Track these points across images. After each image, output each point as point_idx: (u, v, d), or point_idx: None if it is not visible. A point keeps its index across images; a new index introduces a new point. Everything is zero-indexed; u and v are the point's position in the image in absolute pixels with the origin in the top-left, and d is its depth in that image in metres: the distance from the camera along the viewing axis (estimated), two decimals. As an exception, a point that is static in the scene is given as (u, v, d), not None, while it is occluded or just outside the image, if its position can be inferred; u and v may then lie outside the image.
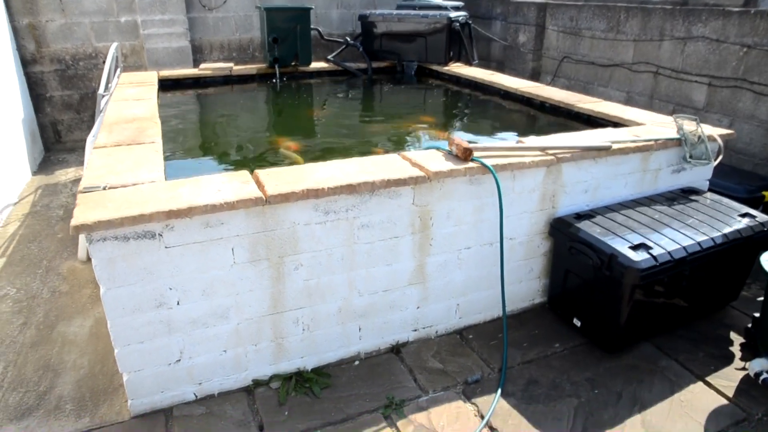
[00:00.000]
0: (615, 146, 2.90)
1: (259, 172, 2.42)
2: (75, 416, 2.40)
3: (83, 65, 5.93)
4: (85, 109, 6.08)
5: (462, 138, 2.69)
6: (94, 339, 2.92)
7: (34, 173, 5.39)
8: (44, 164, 5.68)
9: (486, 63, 7.02)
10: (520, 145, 2.79)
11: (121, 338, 2.21)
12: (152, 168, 2.50)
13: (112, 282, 2.11)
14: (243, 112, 4.79)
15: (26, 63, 5.68)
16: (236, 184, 2.29)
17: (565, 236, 2.80)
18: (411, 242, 2.59)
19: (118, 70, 5.23)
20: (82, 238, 3.66)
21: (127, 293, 2.15)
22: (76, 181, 5.18)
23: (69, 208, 4.59)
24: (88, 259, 3.72)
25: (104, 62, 5.93)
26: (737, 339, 2.92)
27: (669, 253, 2.55)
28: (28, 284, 3.45)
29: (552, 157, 2.74)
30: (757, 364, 2.47)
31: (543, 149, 2.78)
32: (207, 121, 4.64)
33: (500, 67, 6.74)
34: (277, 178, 2.34)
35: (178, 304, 2.25)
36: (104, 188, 2.25)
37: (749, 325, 2.85)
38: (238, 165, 3.38)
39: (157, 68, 5.77)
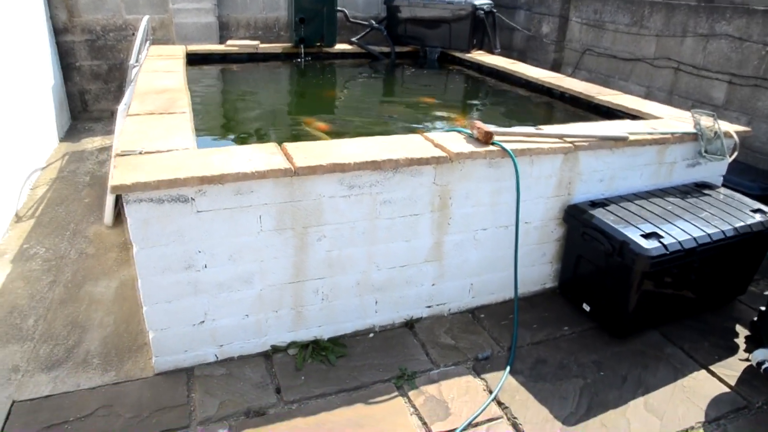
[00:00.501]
0: (632, 137, 2.95)
1: (287, 145, 2.51)
2: (102, 370, 2.53)
3: (113, 36, 6.03)
4: (113, 79, 6.20)
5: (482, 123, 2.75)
6: (120, 300, 3.05)
7: (61, 140, 5.53)
8: (71, 132, 5.81)
9: (508, 52, 7.02)
10: (539, 131, 2.85)
11: (150, 297, 2.33)
12: (184, 136, 2.60)
13: (145, 242, 2.22)
14: (268, 90, 4.89)
15: (57, 32, 5.79)
16: (265, 155, 2.38)
17: (579, 222, 2.87)
18: (430, 220, 2.68)
19: (148, 42, 5.33)
20: (109, 203, 3.79)
21: (159, 254, 2.26)
22: (103, 149, 5.32)
23: (95, 174, 4.72)
24: (114, 225, 3.86)
25: (134, 34, 6.06)
26: (743, 332, 2.99)
27: (679, 242, 2.61)
28: (57, 245, 3.59)
29: (570, 145, 2.80)
30: (760, 354, 2.54)
31: (561, 137, 2.84)
32: (233, 96, 4.74)
33: (522, 57, 6.74)
34: (305, 152, 2.43)
35: (205, 267, 2.36)
36: (140, 153, 2.36)
37: (755, 319, 2.90)
38: (263, 140, 3.47)
39: (184, 42, 5.86)
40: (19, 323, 2.83)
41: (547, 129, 2.96)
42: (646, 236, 2.62)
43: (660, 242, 2.59)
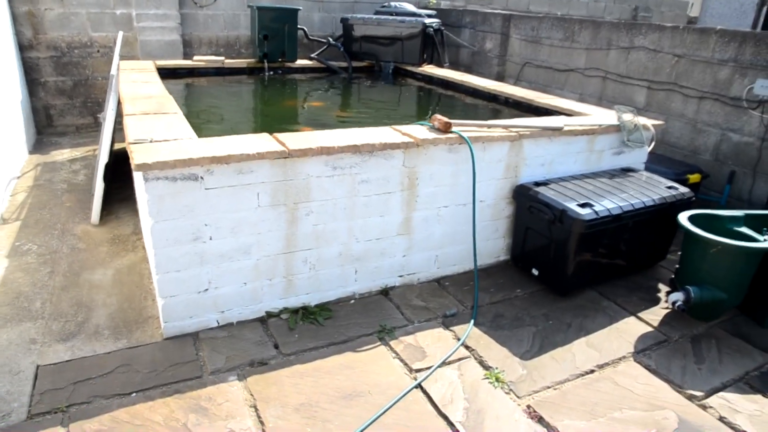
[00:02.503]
0: (566, 128, 3.51)
1: (277, 134, 2.90)
2: (113, 339, 2.81)
3: (78, 53, 6.24)
4: (78, 95, 6.38)
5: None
6: (118, 284, 3.32)
7: (30, 152, 5.67)
8: (38, 145, 5.95)
9: (455, 66, 7.64)
10: (488, 122, 3.37)
11: (162, 266, 2.65)
12: (184, 130, 2.95)
13: (160, 216, 2.55)
14: (236, 100, 5.24)
15: (23, 48, 5.96)
16: (262, 141, 2.77)
17: (526, 199, 3.39)
18: (400, 198, 3.12)
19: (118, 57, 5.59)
20: (96, 202, 4.03)
21: (171, 227, 2.59)
22: (74, 159, 5.50)
23: (72, 182, 4.92)
24: (100, 223, 4.09)
25: (98, 51, 6.30)
26: (665, 288, 3.56)
27: (608, 209, 3.16)
28: (48, 242, 3.81)
29: (515, 134, 3.32)
30: (674, 296, 3.10)
31: (507, 127, 3.37)
32: (204, 107, 5.06)
33: (468, 71, 7.36)
34: (295, 139, 2.83)
35: (210, 239, 2.70)
36: (150, 141, 2.70)
37: (672, 276, 3.48)
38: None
39: (149, 59, 6.14)
40: (27, 306, 3.05)
41: (495, 121, 3.48)
42: (582, 206, 3.15)
43: (593, 209, 3.13)
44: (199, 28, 6.86)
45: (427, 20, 6.39)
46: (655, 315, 3.23)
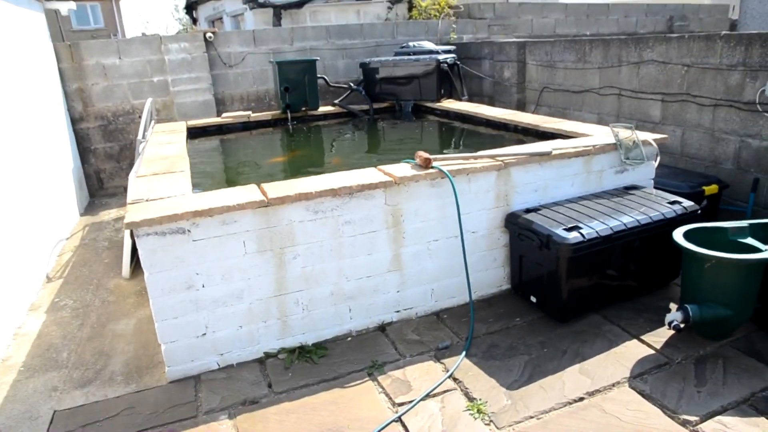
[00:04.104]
0: (555, 152, 3.51)
1: (264, 184, 3.10)
2: (124, 384, 3.04)
3: (122, 120, 6.85)
4: (124, 158, 6.97)
5: (426, 153, 3.33)
6: (138, 333, 3.58)
7: (82, 214, 6.23)
8: (89, 207, 6.53)
9: (479, 98, 7.73)
10: (473, 154, 3.43)
11: (160, 314, 2.87)
12: (182, 187, 3.21)
13: (153, 268, 2.78)
14: (260, 152, 5.56)
15: (75, 121, 6.63)
16: (246, 193, 2.98)
17: (516, 226, 3.39)
18: (386, 235, 3.21)
19: (152, 121, 6.11)
20: (126, 257, 4.39)
21: (165, 277, 2.82)
22: (118, 219, 5.99)
23: (113, 240, 5.36)
24: (131, 277, 4.44)
25: (140, 116, 6.88)
26: (675, 308, 3.41)
27: (597, 232, 3.11)
28: (83, 297, 4.17)
29: (500, 163, 3.36)
30: (670, 316, 2.97)
31: (493, 157, 3.41)
32: (229, 161, 5.42)
33: (491, 101, 7.44)
34: (277, 187, 3.02)
35: (203, 286, 2.91)
36: (146, 200, 2.96)
37: (682, 295, 3.34)
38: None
39: (185, 119, 6.65)
40: (54, 357, 3.36)
41: (483, 152, 3.54)
42: (568, 229, 3.12)
43: (579, 233, 3.09)
44: (230, 86, 7.36)
45: (442, 56, 6.56)
46: (660, 337, 3.11)
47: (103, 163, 6.94)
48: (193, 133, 5.90)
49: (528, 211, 3.44)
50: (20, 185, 4.41)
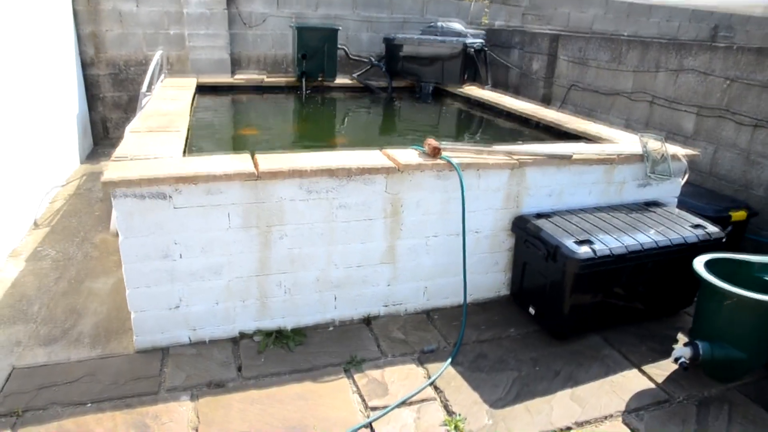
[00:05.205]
0: (576, 156, 3.25)
1: (257, 155, 2.89)
2: (90, 347, 2.88)
3: (134, 70, 6.64)
4: (132, 109, 6.76)
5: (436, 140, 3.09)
6: (114, 293, 3.42)
7: (82, 162, 6.06)
8: (92, 155, 6.36)
9: (504, 88, 7.41)
10: (487, 148, 3.18)
11: (132, 281, 2.69)
12: (173, 148, 3.00)
13: (129, 232, 2.60)
14: (267, 117, 5.34)
15: (85, 66, 6.42)
16: (236, 162, 2.76)
17: (523, 231, 3.15)
18: (383, 225, 3.00)
19: (162, 74, 5.89)
20: (114, 213, 4.21)
21: (140, 243, 2.63)
22: (118, 170, 5.81)
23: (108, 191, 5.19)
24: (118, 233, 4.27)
25: (153, 68, 6.66)
26: (683, 339, 3.18)
27: (609, 249, 2.87)
28: (66, 248, 4.01)
29: (515, 161, 3.11)
30: (678, 351, 2.74)
31: (508, 153, 3.16)
32: (232, 121, 5.20)
33: (516, 93, 7.11)
34: (271, 160, 2.80)
35: (180, 257, 2.72)
36: (131, 158, 2.76)
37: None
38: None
39: (199, 75, 6.41)
40: (25, 309, 3.21)
41: (498, 147, 3.28)
42: (579, 243, 2.88)
43: (590, 248, 2.85)
44: (248, 47, 7.10)
45: (470, 40, 6.24)
46: (662, 370, 2.88)
47: (110, 112, 6.75)
48: (203, 91, 5.68)
49: (539, 216, 3.19)
50: (14, 125, 4.23)
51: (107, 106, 6.70)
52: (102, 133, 6.78)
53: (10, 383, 2.58)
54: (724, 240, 3.22)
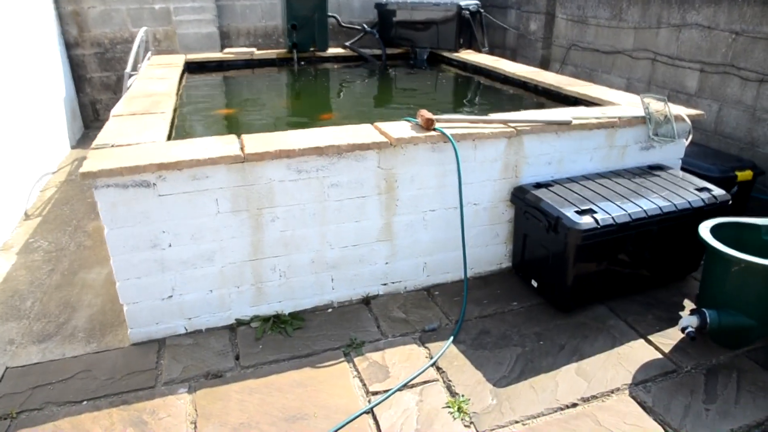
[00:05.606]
0: (576, 122, 3.12)
1: (244, 136, 2.77)
2: (85, 342, 2.83)
3: (120, 48, 6.45)
4: (121, 89, 6.59)
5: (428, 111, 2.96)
6: (108, 284, 3.35)
7: (73, 147, 5.94)
8: (83, 139, 6.23)
9: (501, 51, 7.19)
10: (482, 117, 3.05)
11: (122, 273, 2.61)
12: (157, 132, 2.88)
13: (114, 223, 2.51)
14: (257, 94, 5.18)
15: (69, 46, 6.24)
16: (223, 145, 2.65)
17: (522, 202, 3.05)
18: (378, 202, 2.90)
19: (149, 53, 5.71)
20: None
21: (127, 234, 2.54)
22: (109, 154, 5.70)
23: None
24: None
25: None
26: (690, 305, 3.10)
27: (612, 217, 2.77)
28: (58, 239, 3.94)
29: (512, 129, 2.99)
30: (685, 320, 2.66)
31: (505, 122, 3.03)
32: (224, 99, 5.05)
33: (513, 55, 6.91)
34: (258, 141, 2.69)
35: (170, 246, 2.63)
36: (112, 146, 2.65)
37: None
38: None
39: (187, 52, 6.23)
40: (18, 305, 3.15)
41: (494, 116, 3.15)
42: (581, 212, 2.78)
43: (593, 217, 2.75)
44: (237, 19, 6.88)
45: (464, 2, 6.00)
46: (669, 339, 2.81)
47: (99, 93, 6.59)
48: (192, 69, 5.51)
49: (538, 186, 3.09)
50: (0, 114, 4.11)
51: (95, 88, 6.54)
52: (92, 116, 6.64)
53: (3, 384, 2.53)
54: (730, 203, 3.11)
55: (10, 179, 4.16)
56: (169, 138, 2.93)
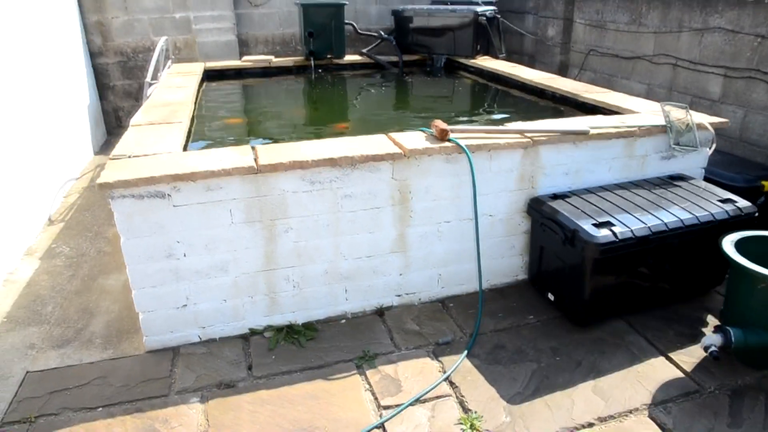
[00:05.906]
0: (594, 131, 3.06)
1: (258, 146, 2.78)
2: (102, 348, 2.86)
3: (142, 57, 6.56)
4: (143, 97, 6.71)
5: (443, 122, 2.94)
6: (126, 290, 3.38)
7: (96, 153, 6.05)
8: (105, 146, 6.34)
9: (519, 57, 7.13)
10: (498, 127, 3.02)
11: (137, 282, 2.64)
12: (173, 142, 2.92)
13: (130, 233, 2.54)
14: (274, 102, 5.21)
15: (93, 55, 6.37)
16: (237, 156, 2.67)
17: (539, 214, 3.01)
18: (391, 213, 2.88)
19: (169, 61, 5.79)
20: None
21: (142, 243, 2.57)
22: (130, 161, 5.79)
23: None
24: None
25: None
26: (713, 321, 3.02)
27: (631, 230, 2.71)
28: (80, 244, 4.01)
29: (528, 140, 2.95)
30: (708, 339, 2.58)
31: (521, 132, 3.00)
32: (241, 106, 5.09)
33: (531, 61, 6.84)
34: (271, 152, 2.70)
35: (184, 255, 2.65)
36: (129, 156, 2.69)
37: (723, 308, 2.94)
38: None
39: (207, 60, 6.31)
40: (39, 310, 3.21)
41: (510, 125, 3.11)
42: (598, 225, 2.73)
43: (611, 230, 2.70)
44: (255, 27, 6.95)
45: (480, 8, 5.97)
46: (691, 357, 2.74)
47: (121, 101, 6.71)
48: (210, 77, 5.57)
49: (555, 197, 3.04)
50: (27, 121, 4.20)
51: (118, 95, 6.65)
52: (114, 123, 6.76)
53: (23, 388, 2.58)
54: (756, 215, 3.02)
55: (36, 185, 4.25)
56: (185, 147, 2.96)
